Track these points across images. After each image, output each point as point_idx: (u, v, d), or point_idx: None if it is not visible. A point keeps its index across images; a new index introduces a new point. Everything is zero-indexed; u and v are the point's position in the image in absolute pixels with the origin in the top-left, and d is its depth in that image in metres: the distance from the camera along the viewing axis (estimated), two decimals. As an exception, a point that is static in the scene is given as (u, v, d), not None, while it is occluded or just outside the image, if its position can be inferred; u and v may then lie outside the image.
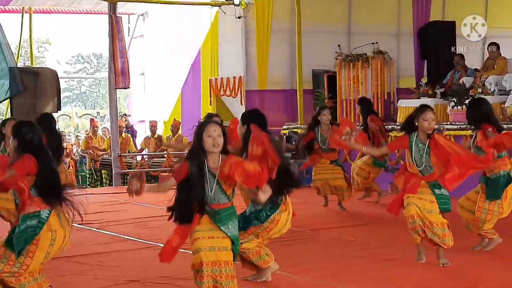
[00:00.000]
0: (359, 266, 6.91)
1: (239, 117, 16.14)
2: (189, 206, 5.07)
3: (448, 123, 12.11)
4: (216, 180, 5.03)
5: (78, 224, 9.65)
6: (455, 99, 12.46)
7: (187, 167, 5.04)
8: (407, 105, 13.23)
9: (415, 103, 13.31)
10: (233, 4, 15.86)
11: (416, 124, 6.62)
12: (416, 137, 6.63)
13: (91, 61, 50.40)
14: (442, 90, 13.48)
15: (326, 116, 10.24)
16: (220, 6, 16.22)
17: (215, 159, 5.04)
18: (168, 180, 5.18)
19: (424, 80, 14.07)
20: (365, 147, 7.43)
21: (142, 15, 19.28)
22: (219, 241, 5.07)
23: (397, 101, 14.00)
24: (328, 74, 15.27)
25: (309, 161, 10.66)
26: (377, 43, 14.39)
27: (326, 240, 8.39)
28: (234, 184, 5.05)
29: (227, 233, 5.09)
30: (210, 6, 16.64)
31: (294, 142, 13.80)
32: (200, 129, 5.04)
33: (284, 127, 14.89)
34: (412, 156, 6.66)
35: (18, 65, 15.81)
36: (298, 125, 14.63)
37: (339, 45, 14.88)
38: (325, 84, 15.28)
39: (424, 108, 6.70)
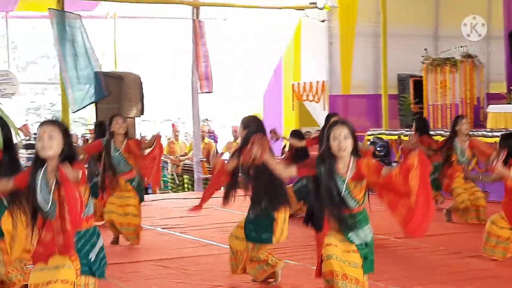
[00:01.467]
0: (447, 275, 6.59)
1: (322, 123, 15.91)
2: (323, 212, 4.83)
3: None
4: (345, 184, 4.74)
5: (162, 228, 9.70)
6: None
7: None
8: (497, 111, 12.76)
9: (505, 108, 12.84)
10: (317, 7, 15.65)
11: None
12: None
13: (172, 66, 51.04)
14: (535, 95, 12.95)
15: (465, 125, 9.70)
16: (303, 9, 16.02)
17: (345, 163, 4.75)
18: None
19: (515, 84, 13.57)
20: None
21: (225, 19, 19.25)
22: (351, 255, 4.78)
23: (487, 107, 13.50)
24: (414, 79, 14.89)
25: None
26: (465, 46, 13.92)
27: (411, 248, 8.06)
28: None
29: (355, 241, 4.79)
30: (293, 10, 16.45)
31: (378, 149, 13.49)
32: (328, 131, 4.77)
33: (369, 133, 14.56)
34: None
35: (103, 70, 15.97)
36: (382, 131, 14.28)
37: (425, 49, 14.48)
38: (411, 89, 14.92)
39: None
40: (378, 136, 14.17)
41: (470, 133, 10.13)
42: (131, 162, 8.31)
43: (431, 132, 11.19)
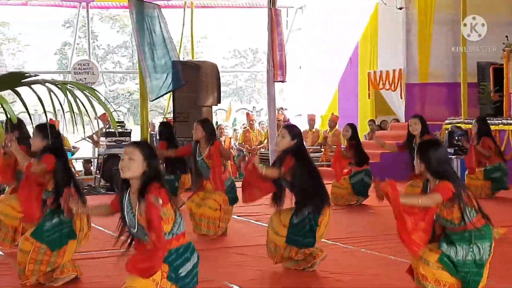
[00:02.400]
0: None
1: (398, 112, 15.66)
2: None
3: None
4: None
5: (237, 216, 9.77)
6: None
7: None
8: None
9: None
10: (394, -5, 15.47)
11: None
12: None
13: (247, 55, 51.19)
14: None
15: None
16: (380, -3, 15.86)
17: None
18: None
19: None
20: None
21: (301, 8, 19.22)
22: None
23: None
24: (494, 67, 14.52)
25: None
26: (548, 33, 13.53)
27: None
28: None
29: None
30: (370, -2, 16.32)
31: (457, 138, 13.26)
32: None
33: (447, 121, 14.31)
34: None
35: (180, 60, 16.16)
36: (461, 120, 14.02)
37: (506, 36, 14.10)
38: (491, 77, 14.55)
39: None
40: (456, 125, 13.92)
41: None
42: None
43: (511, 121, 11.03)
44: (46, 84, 1.99)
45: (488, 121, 11.95)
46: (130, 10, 13.91)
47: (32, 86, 2.06)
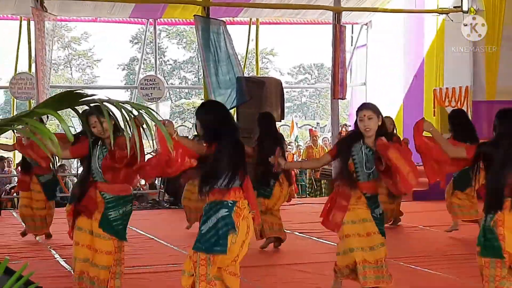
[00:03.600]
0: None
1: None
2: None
3: None
4: None
5: (299, 233, 9.76)
6: None
7: None
8: None
9: None
10: (462, 11, 15.23)
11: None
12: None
13: (312, 71, 51.22)
14: None
15: None
16: (447, 13, 15.65)
17: None
18: None
19: None
20: None
21: (366, 24, 19.16)
22: None
23: None
24: None
25: None
26: None
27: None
28: None
29: None
30: (436, 14, 16.11)
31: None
32: None
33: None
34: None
35: (244, 75, 16.28)
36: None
37: None
38: (562, 94, 14.22)
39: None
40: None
41: None
42: None
43: None
44: (104, 103, 2.04)
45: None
46: (196, 26, 14.11)
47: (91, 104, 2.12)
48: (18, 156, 14.97)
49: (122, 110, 1.92)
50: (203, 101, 14.32)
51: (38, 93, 13.00)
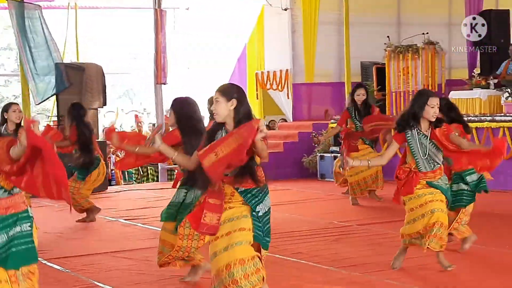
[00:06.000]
0: (408, 262, 6.61)
1: (286, 111, 15.93)
2: None
3: (502, 114, 11.73)
4: None
5: (124, 219, 9.64)
6: (509, 90, 12.07)
7: None
8: (458, 97, 12.85)
9: (467, 94, 12.95)
10: (280, -4, 15.64)
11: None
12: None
13: (137, 57, 50.56)
14: (496, 81, 13.04)
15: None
16: (266, -2, 16.00)
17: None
18: None
19: (477, 71, 13.65)
20: None
21: (187, 9, 19.15)
22: None
23: (448, 93, 13.61)
24: (377, 66, 14.92)
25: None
26: (427, 33, 13.98)
27: (375, 235, 8.12)
28: None
29: None
30: (256, -2, 16.43)
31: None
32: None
33: (333, 121, 14.58)
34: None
35: (64, 62, 15.79)
36: (347, 118, 14.31)
37: (388, 36, 14.50)
38: (374, 76, 14.95)
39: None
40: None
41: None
42: None
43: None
44: None
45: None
46: (10, 11, 13.53)
47: None
48: None
49: None
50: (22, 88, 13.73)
51: None
